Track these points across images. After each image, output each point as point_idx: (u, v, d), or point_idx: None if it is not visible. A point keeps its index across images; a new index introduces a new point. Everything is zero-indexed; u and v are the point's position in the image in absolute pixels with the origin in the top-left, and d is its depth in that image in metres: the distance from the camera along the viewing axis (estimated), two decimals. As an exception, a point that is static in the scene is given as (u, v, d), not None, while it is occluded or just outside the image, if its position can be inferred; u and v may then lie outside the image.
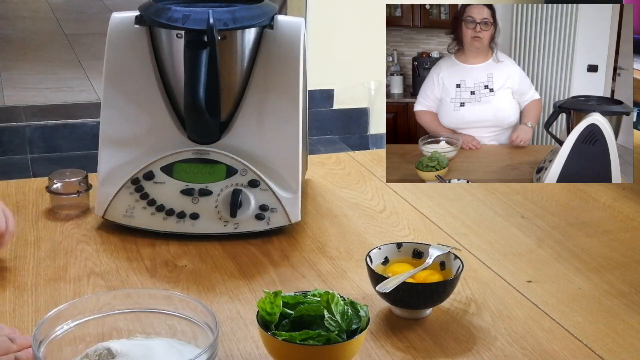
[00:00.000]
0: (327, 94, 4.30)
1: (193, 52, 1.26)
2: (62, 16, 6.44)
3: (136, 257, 1.25)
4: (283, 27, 1.34)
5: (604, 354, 1.02)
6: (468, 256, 1.25)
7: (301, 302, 0.97)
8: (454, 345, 1.04)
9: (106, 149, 1.33)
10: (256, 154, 1.32)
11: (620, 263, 1.26)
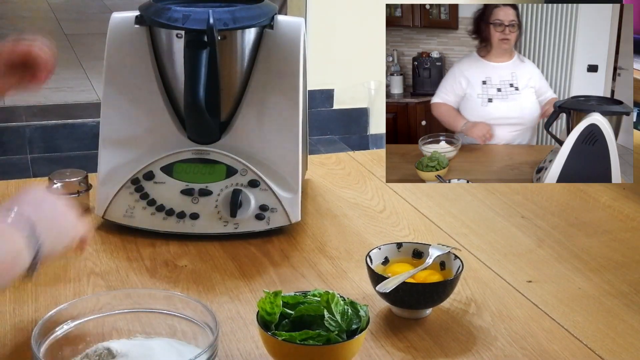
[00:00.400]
0: (327, 94, 4.30)
1: (193, 52, 1.26)
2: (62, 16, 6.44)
3: (136, 257, 1.25)
4: (283, 27, 1.34)
5: (604, 354, 1.02)
6: (468, 256, 1.25)
7: (301, 302, 0.97)
8: (454, 345, 1.04)
9: (106, 149, 1.33)
10: (256, 154, 1.32)
11: (620, 263, 1.26)
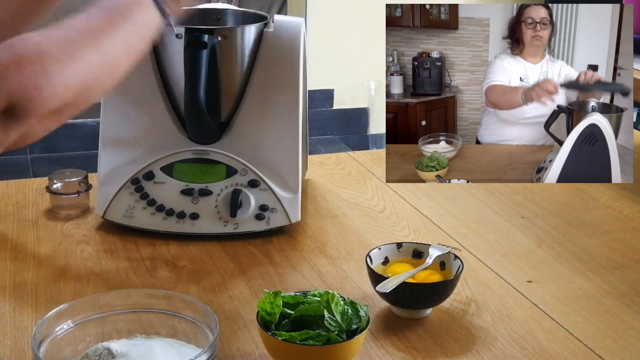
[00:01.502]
0: (327, 94, 4.30)
1: (193, 53, 1.26)
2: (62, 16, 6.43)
3: (136, 257, 1.25)
4: (283, 27, 1.34)
5: (604, 354, 1.02)
6: (468, 256, 1.25)
7: (301, 302, 0.97)
8: (454, 345, 1.04)
9: (106, 149, 1.33)
10: (256, 154, 1.32)
11: (620, 263, 1.26)
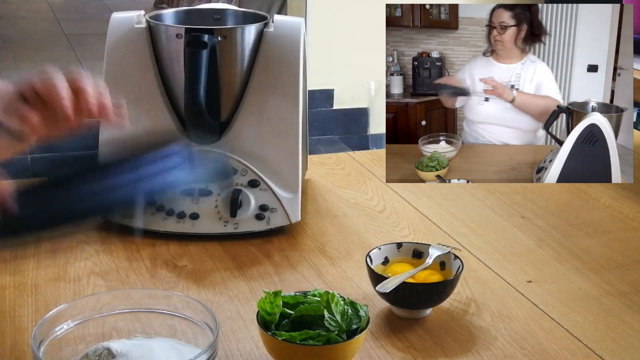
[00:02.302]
0: (327, 94, 4.30)
1: (193, 52, 1.26)
2: (62, 16, 6.44)
3: (136, 257, 1.25)
4: (283, 27, 1.34)
5: (604, 354, 1.02)
6: (468, 256, 1.25)
7: (301, 302, 0.97)
8: (454, 345, 1.04)
9: (106, 149, 1.33)
10: (256, 154, 1.32)
11: (620, 263, 1.26)
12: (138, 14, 1.35)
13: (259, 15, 1.39)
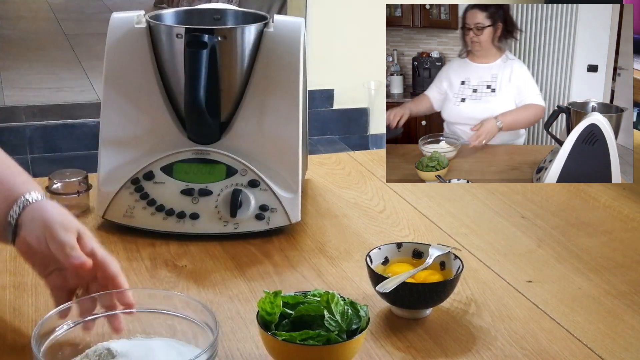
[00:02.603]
0: (327, 94, 4.30)
1: (193, 52, 1.26)
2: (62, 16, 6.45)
3: (136, 257, 1.25)
4: (283, 27, 1.34)
5: (604, 354, 1.02)
6: (468, 256, 1.25)
7: (301, 302, 0.97)
8: (454, 345, 1.03)
9: (106, 149, 1.33)
10: (256, 154, 1.32)
11: (620, 263, 1.26)
12: (138, 14, 1.35)
13: (259, 15, 1.39)
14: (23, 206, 0.99)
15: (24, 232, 0.97)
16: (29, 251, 0.98)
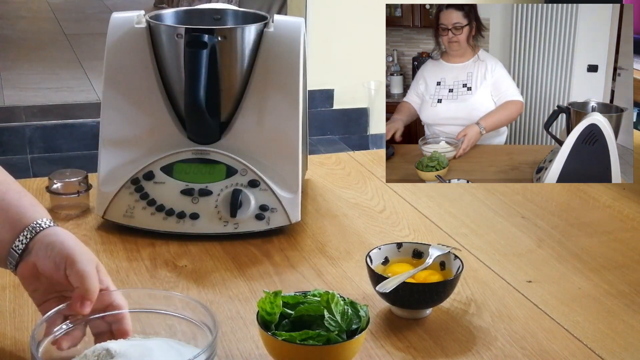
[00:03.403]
0: (327, 94, 4.30)
1: (193, 52, 1.26)
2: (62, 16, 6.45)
3: (136, 257, 1.25)
4: (283, 27, 1.34)
5: (604, 354, 1.02)
6: (468, 256, 1.25)
7: (301, 302, 0.97)
8: (454, 345, 1.03)
9: (106, 149, 1.33)
10: (256, 154, 1.32)
11: (620, 263, 1.26)
12: (138, 14, 1.35)
13: (259, 15, 1.39)
14: (36, 231, 0.97)
15: (35, 257, 0.95)
16: (34, 276, 0.96)
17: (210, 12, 1.42)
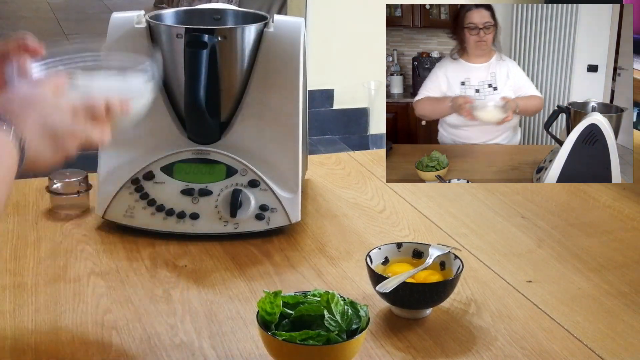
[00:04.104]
0: (327, 94, 4.30)
1: (193, 52, 1.26)
2: (62, 16, 6.44)
3: (136, 257, 1.25)
4: (283, 27, 1.34)
5: (604, 354, 1.02)
6: (468, 256, 1.25)
7: (301, 302, 0.97)
8: (454, 345, 1.04)
9: (106, 149, 1.33)
10: (256, 154, 1.32)
11: (620, 263, 1.26)
12: (138, 14, 1.35)
13: (259, 15, 1.39)
14: None
15: None
16: None
17: (210, 12, 1.42)
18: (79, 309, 1.10)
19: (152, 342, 1.03)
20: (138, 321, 1.07)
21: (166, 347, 1.02)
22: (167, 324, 1.07)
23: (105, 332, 1.04)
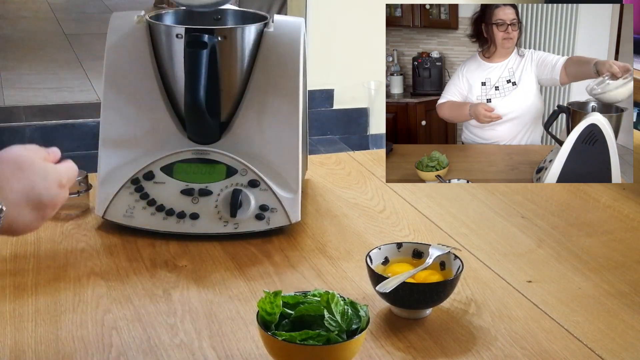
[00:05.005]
0: (327, 94, 4.30)
1: (193, 52, 1.26)
2: (62, 16, 6.44)
3: (136, 257, 1.25)
4: (283, 27, 1.34)
5: (604, 354, 1.02)
6: (468, 256, 1.25)
7: (301, 302, 0.97)
8: (454, 345, 1.04)
9: (106, 149, 1.33)
10: (256, 154, 1.32)
11: (620, 263, 1.26)
12: (138, 14, 1.36)
13: (259, 15, 1.39)
14: None
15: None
16: None
17: (210, 12, 1.42)
18: (79, 309, 1.10)
19: (152, 342, 1.03)
20: (138, 321, 1.07)
21: (166, 347, 1.02)
22: (167, 324, 1.07)
23: (105, 332, 1.04)
